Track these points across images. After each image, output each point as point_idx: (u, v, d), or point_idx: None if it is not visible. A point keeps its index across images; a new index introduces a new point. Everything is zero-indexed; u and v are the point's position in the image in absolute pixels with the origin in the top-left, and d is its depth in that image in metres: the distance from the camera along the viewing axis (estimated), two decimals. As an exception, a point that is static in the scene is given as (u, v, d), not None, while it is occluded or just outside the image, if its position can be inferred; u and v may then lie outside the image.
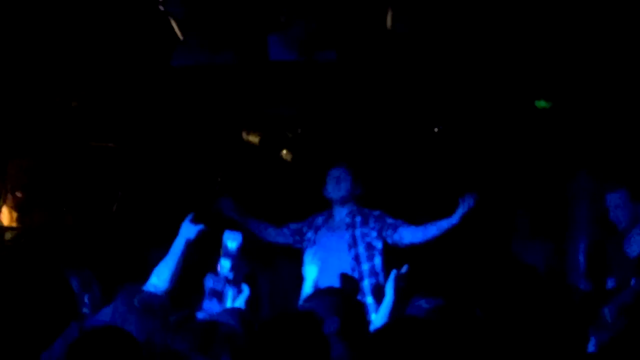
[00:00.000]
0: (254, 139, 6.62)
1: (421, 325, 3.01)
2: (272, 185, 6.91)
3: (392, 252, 5.74)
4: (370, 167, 6.31)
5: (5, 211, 6.39)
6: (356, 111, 6.63)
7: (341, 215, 5.89)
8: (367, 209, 5.88)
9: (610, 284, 5.63)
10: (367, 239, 5.76)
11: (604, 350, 3.34)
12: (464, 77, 6.16)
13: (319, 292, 4.29)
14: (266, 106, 6.61)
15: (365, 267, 5.70)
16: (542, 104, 6.39)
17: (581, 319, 3.41)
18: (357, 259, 5.72)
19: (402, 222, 5.77)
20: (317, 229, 5.94)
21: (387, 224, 5.76)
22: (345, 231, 5.81)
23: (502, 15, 5.40)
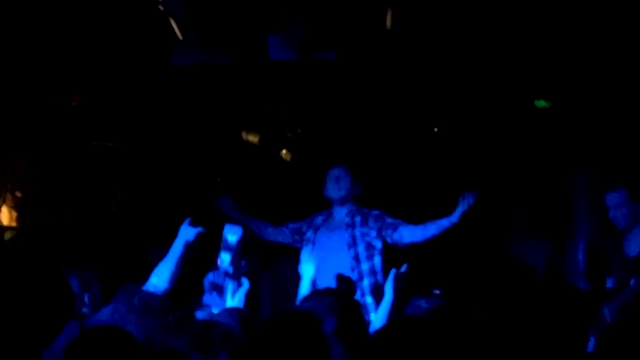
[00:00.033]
0: (253, 139, 6.62)
1: (420, 325, 3.01)
2: (272, 185, 6.91)
3: (391, 252, 5.74)
4: (369, 166, 6.31)
5: (5, 211, 6.39)
6: (356, 111, 6.63)
7: (341, 214, 5.88)
8: (367, 209, 5.88)
9: (609, 284, 5.62)
10: (366, 238, 5.75)
11: (604, 350, 3.34)
12: (463, 77, 6.16)
13: (316, 293, 4.30)
14: (266, 106, 6.61)
15: (364, 266, 5.70)
16: (541, 104, 6.39)
17: (580, 318, 3.41)
18: (356, 258, 5.72)
19: (402, 221, 5.77)
20: (316, 229, 5.93)
21: (387, 224, 5.75)
22: (344, 231, 5.80)
23: (502, 15, 5.40)
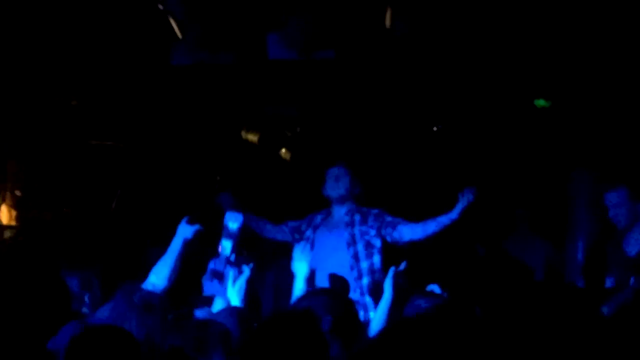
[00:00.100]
0: (253, 138, 6.62)
1: (420, 325, 3.01)
2: (271, 184, 6.91)
3: (391, 250, 5.73)
4: (369, 166, 6.31)
5: (4, 209, 6.40)
6: (355, 110, 6.63)
7: (340, 213, 5.88)
8: (366, 208, 5.87)
9: (609, 283, 5.61)
10: (366, 237, 5.74)
11: (603, 349, 3.33)
12: (463, 77, 6.16)
13: (311, 293, 4.30)
14: (265, 105, 6.61)
15: (364, 265, 5.69)
16: (541, 103, 6.39)
17: (580, 318, 3.41)
18: (355, 257, 5.71)
19: (401, 219, 5.76)
20: (315, 227, 5.93)
21: (386, 222, 5.75)
22: (344, 229, 5.80)
23: (502, 15, 5.41)
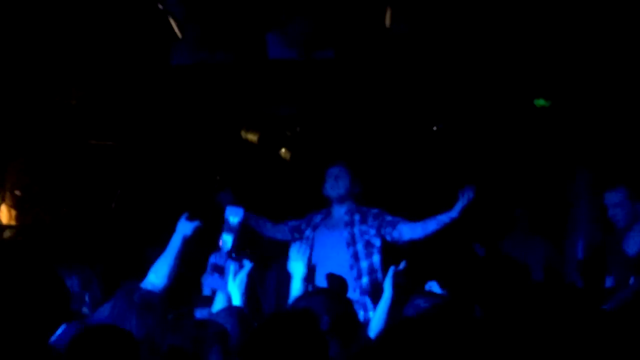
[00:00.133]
0: (252, 138, 6.62)
1: (418, 324, 3.01)
2: (271, 184, 6.91)
3: (390, 250, 5.73)
4: (369, 165, 6.31)
5: (4, 209, 6.39)
6: (355, 110, 6.63)
7: (340, 213, 5.88)
8: (366, 207, 5.87)
9: (608, 283, 5.62)
10: (365, 236, 5.74)
11: (603, 348, 3.33)
12: (463, 76, 6.16)
13: (308, 293, 4.29)
14: (265, 105, 6.61)
15: (363, 264, 5.69)
16: (541, 103, 6.39)
17: (579, 317, 3.41)
18: (355, 256, 5.71)
19: (401, 219, 5.76)
20: (315, 227, 5.93)
21: (386, 222, 5.75)
22: (343, 229, 5.80)
23: (502, 14, 5.41)
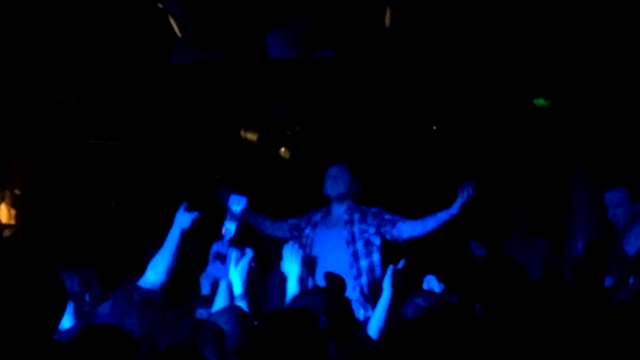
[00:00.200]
0: (252, 137, 6.62)
1: (420, 324, 3.01)
2: (271, 183, 6.91)
3: (390, 248, 5.73)
4: (368, 164, 6.31)
5: (4, 208, 6.39)
6: (354, 109, 6.63)
7: (339, 212, 5.88)
8: (365, 206, 5.88)
9: (608, 282, 5.62)
10: (365, 235, 5.75)
11: (603, 347, 3.34)
12: (462, 76, 6.16)
13: (306, 292, 4.29)
14: (265, 104, 6.61)
15: (363, 263, 5.70)
16: (541, 102, 6.39)
17: (579, 317, 3.41)
18: (355, 255, 5.72)
19: (400, 217, 5.77)
20: (315, 226, 5.93)
21: (386, 220, 5.75)
22: (343, 228, 5.80)
23: (501, 14, 5.40)
